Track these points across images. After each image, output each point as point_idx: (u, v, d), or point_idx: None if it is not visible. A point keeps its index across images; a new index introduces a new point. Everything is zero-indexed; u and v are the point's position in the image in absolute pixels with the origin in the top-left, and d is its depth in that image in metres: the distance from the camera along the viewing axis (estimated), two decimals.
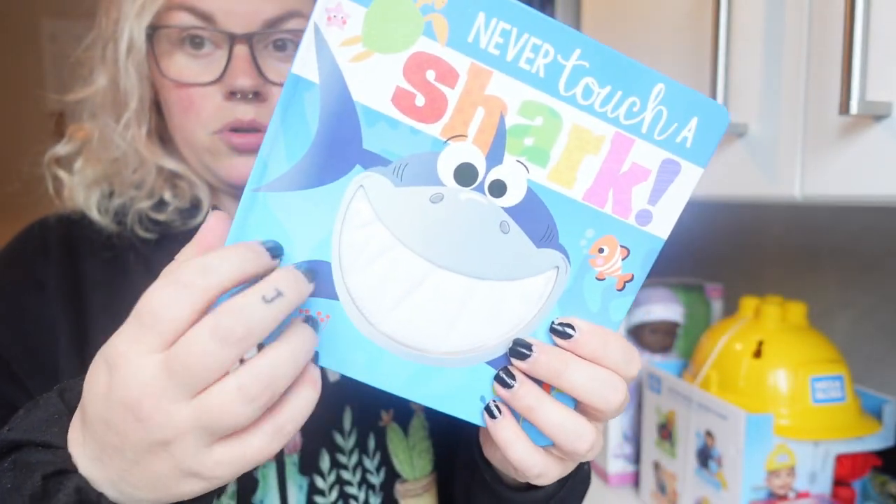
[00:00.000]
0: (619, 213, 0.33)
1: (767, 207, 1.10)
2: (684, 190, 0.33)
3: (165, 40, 0.53)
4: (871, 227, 0.92)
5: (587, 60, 0.31)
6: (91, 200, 0.57)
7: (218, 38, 0.53)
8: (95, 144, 0.58)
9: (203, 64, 0.53)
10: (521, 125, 0.31)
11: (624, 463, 0.99)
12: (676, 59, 0.75)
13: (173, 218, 0.57)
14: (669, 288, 1.01)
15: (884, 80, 0.50)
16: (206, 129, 0.54)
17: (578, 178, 0.32)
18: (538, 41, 0.30)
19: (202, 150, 0.56)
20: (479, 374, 0.34)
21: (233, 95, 0.53)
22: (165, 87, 0.55)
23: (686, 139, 0.32)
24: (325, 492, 0.53)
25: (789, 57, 0.59)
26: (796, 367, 0.73)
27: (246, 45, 0.52)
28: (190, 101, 0.54)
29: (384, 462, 0.56)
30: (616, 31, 0.89)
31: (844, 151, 0.54)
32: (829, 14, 0.55)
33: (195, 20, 0.52)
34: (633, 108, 0.32)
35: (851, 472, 0.74)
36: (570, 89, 0.31)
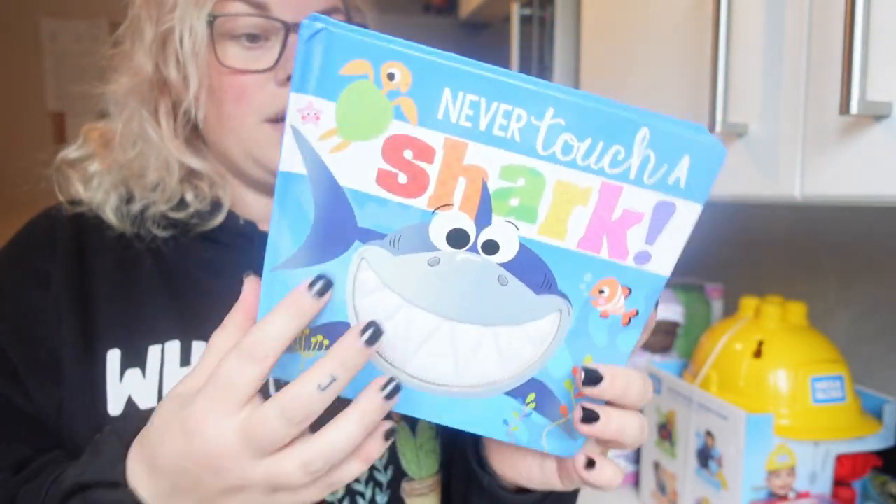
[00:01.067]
0: (615, 257, 0.34)
1: (768, 207, 1.10)
2: (683, 227, 0.34)
3: (221, 32, 0.55)
4: (872, 227, 0.92)
5: (562, 118, 0.31)
6: (108, 205, 0.57)
7: (270, 29, 0.55)
8: (117, 142, 0.58)
9: (257, 54, 0.55)
10: (504, 188, 0.32)
11: (624, 463, 0.99)
12: (677, 60, 0.75)
13: (191, 217, 0.57)
14: (669, 288, 1.01)
15: (884, 79, 0.50)
16: (258, 116, 0.55)
17: (570, 228, 0.33)
18: (508, 107, 0.31)
19: (250, 139, 0.56)
20: (499, 402, 0.37)
21: (287, 81, 0.54)
22: (217, 74, 0.55)
23: (679, 179, 0.32)
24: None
25: (789, 56, 0.59)
26: (796, 367, 0.73)
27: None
28: (243, 89, 0.55)
29: (392, 460, 0.56)
30: (616, 32, 0.89)
31: (845, 151, 0.54)
32: (830, 14, 0.55)
33: (250, 9, 0.54)
34: (617, 157, 0.32)
35: (852, 473, 0.74)
36: (549, 148, 0.31)
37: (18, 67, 2.20)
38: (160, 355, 0.53)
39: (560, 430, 0.38)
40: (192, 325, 0.54)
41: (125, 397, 0.51)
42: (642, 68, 0.83)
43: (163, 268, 0.57)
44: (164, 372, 0.52)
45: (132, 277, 0.56)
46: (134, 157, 0.57)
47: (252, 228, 0.59)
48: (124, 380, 0.52)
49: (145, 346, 0.53)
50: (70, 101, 2.24)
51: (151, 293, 0.55)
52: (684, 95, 0.74)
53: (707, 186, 0.32)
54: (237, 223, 0.59)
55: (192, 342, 0.54)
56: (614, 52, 0.89)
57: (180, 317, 0.55)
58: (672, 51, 0.76)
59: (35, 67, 2.20)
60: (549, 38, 1.05)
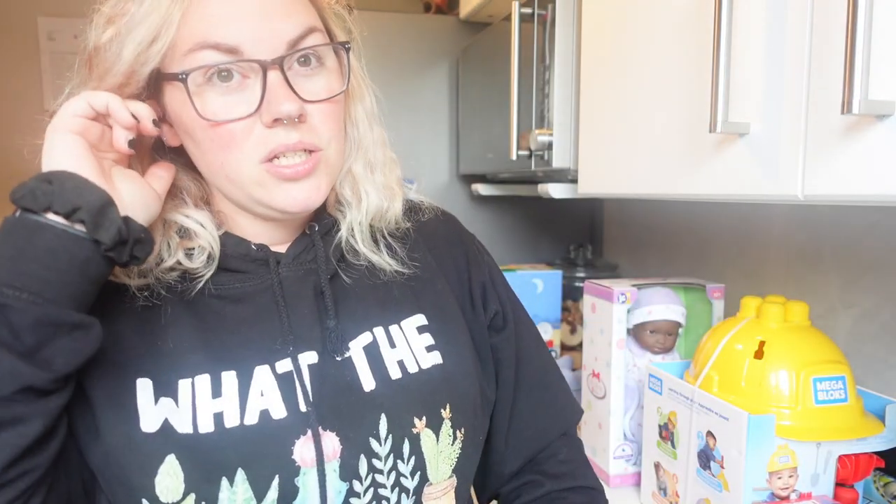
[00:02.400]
0: None
1: (769, 207, 1.10)
2: None
3: (193, 82, 0.52)
4: (874, 227, 0.91)
5: None
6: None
7: (247, 69, 0.53)
8: None
9: (235, 98, 0.53)
10: None
11: (625, 464, 0.99)
12: (678, 59, 0.75)
13: (196, 269, 0.57)
14: (671, 288, 1.01)
15: (886, 79, 0.49)
16: (252, 160, 0.54)
17: None
18: None
19: (251, 183, 0.55)
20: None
21: (276, 122, 0.53)
22: (200, 128, 0.53)
23: None
24: (360, 494, 0.55)
25: (791, 56, 0.59)
26: (798, 367, 0.73)
27: (278, 69, 0.52)
28: (231, 137, 0.53)
29: (418, 466, 0.57)
30: (616, 31, 0.88)
31: (847, 151, 0.54)
32: (832, 13, 0.55)
33: (222, 56, 0.52)
34: None
35: (854, 474, 0.74)
36: None
37: (16, 66, 2.20)
38: (191, 389, 0.53)
39: None
40: (219, 357, 0.55)
41: (162, 419, 0.52)
42: (643, 68, 0.82)
43: (182, 304, 0.57)
44: (196, 404, 0.53)
45: (154, 317, 0.55)
46: None
47: (266, 252, 0.59)
48: (159, 404, 0.52)
49: (175, 380, 0.53)
50: None
51: (175, 331, 0.55)
52: (685, 95, 0.74)
53: None
54: (250, 250, 0.59)
55: (222, 373, 0.54)
56: (614, 51, 0.89)
57: (207, 349, 0.55)
58: (673, 50, 0.76)
59: (33, 66, 2.20)
60: (549, 37, 1.05)
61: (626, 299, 0.97)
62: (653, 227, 1.45)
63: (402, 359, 0.60)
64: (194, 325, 0.56)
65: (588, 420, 1.05)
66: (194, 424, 0.52)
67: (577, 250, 1.54)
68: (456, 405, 0.60)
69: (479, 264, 0.71)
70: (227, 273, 0.58)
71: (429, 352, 0.62)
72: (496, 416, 0.69)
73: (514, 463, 0.69)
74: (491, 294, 0.70)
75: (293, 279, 0.59)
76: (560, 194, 1.10)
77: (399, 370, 0.59)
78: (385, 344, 0.60)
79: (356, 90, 0.64)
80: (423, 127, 1.63)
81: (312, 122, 0.55)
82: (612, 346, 0.97)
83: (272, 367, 0.55)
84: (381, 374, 0.58)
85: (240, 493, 0.51)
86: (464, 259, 0.70)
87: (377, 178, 0.64)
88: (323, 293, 0.59)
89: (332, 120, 0.57)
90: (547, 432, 0.71)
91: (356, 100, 0.64)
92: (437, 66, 1.62)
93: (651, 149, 0.81)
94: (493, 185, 1.52)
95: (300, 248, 0.61)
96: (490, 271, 0.72)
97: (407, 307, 0.63)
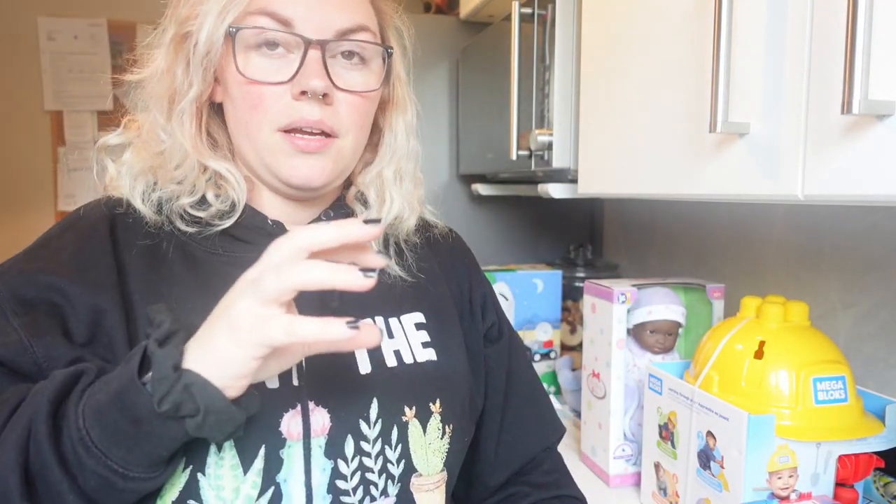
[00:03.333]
0: None
1: (769, 207, 1.10)
2: None
3: (241, 41, 0.56)
4: (874, 227, 0.91)
5: None
6: (136, 190, 0.60)
7: (292, 43, 0.57)
8: (144, 135, 0.61)
9: (276, 65, 0.57)
10: None
11: (625, 464, 0.99)
12: (678, 59, 0.75)
13: (213, 217, 0.59)
14: (671, 288, 1.01)
15: (886, 78, 0.49)
16: (273, 125, 0.57)
17: None
18: None
19: (264, 148, 0.58)
20: None
21: (303, 95, 0.56)
22: (236, 83, 0.57)
23: None
24: (347, 476, 0.55)
25: (791, 56, 0.59)
26: (798, 367, 0.73)
27: (319, 50, 0.56)
28: (260, 98, 0.57)
29: (404, 455, 0.58)
30: (617, 32, 0.88)
31: (847, 151, 0.54)
32: (832, 12, 0.55)
33: (274, 24, 0.56)
34: None
35: (854, 474, 0.74)
36: None
37: (16, 66, 2.20)
38: None
39: None
40: None
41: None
42: (643, 67, 0.82)
43: (190, 262, 0.58)
44: None
45: (161, 273, 0.57)
46: (158, 151, 0.60)
47: (280, 228, 0.61)
48: None
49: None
50: (68, 99, 2.23)
51: (180, 287, 0.57)
52: (685, 95, 0.74)
53: None
54: (266, 223, 0.61)
55: None
56: (614, 51, 0.89)
57: (205, 313, 0.55)
58: (673, 50, 0.76)
59: (33, 66, 2.20)
60: (549, 37, 1.05)
61: (626, 299, 0.97)
62: (653, 227, 1.45)
63: (399, 349, 0.62)
64: (199, 285, 0.57)
65: (588, 420, 1.05)
66: None
67: (577, 250, 1.54)
68: (446, 402, 0.62)
69: (481, 279, 0.75)
70: (239, 242, 0.60)
71: (424, 348, 0.63)
72: (485, 426, 0.71)
73: (501, 474, 0.72)
74: (490, 306, 0.74)
75: None
76: (560, 194, 1.10)
77: (395, 359, 0.61)
78: (384, 332, 0.62)
79: (400, 101, 0.68)
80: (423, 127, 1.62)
81: (338, 109, 0.58)
82: (612, 346, 0.97)
83: None
84: (377, 359, 0.60)
85: (227, 459, 0.52)
86: (466, 270, 0.74)
87: (405, 188, 0.68)
88: None
89: (357, 113, 0.60)
90: (533, 445, 0.74)
91: (399, 110, 0.68)
92: (437, 66, 1.62)
93: (651, 149, 0.81)
94: (493, 185, 1.52)
95: None
96: (489, 289, 0.76)
97: (407, 304, 0.65)
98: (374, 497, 0.57)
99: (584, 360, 1.06)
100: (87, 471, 0.43)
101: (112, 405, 0.43)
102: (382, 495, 0.57)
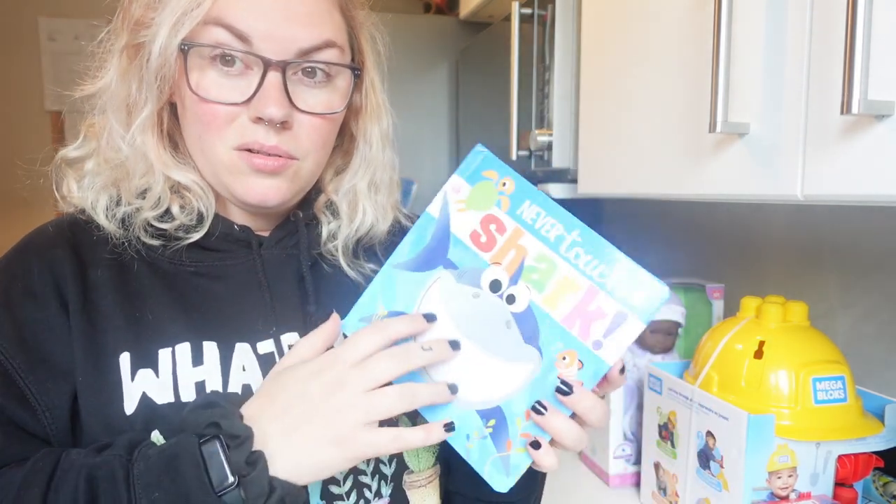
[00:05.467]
0: (581, 337, 0.47)
1: (769, 207, 1.10)
2: (629, 335, 0.46)
3: (197, 55, 0.53)
4: (873, 227, 0.91)
5: (581, 238, 0.48)
6: (99, 206, 0.57)
7: (251, 61, 0.53)
8: (104, 145, 0.58)
9: (233, 83, 0.53)
10: (533, 266, 0.48)
11: (624, 464, 0.99)
12: (677, 59, 0.75)
13: (177, 230, 0.57)
14: (670, 288, 1.01)
15: (886, 78, 0.49)
16: (227, 144, 0.54)
17: (559, 306, 0.48)
18: (555, 221, 0.49)
19: (220, 165, 0.55)
20: (469, 418, 0.49)
21: (259, 121, 0.53)
22: (190, 100, 0.54)
23: (634, 301, 0.46)
24: (339, 481, 0.55)
25: (791, 56, 0.59)
26: (798, 367, 0.73)
27: (279, 72, 0.52)
28: (214, 117, 0.53)
29: (395, 455, 0.58)
30: (616, 31, 0.88)
31: (846, 151, 0.54)
32: (831, 13, 0.55)
33: (231, 39, 0.52)
34: (603, 273, 0.47)
35: (853, 473, 0.74)
36: (568, 252, 0.48)
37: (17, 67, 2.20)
38: (171, 357, 0.53)
39: (500, 463, 0.48)
40: (199, 327, 0.54)
41: (139, 394, 0.52)
42: (643, 67, 0.82)
43: (159, 275, 0.56)
44: (177, 372, 0.53)
45: (131, 287, 0.55)
46: (120, 161, 0.57)
47: (248, 234, 0.59)
48: (136, 380, 0.52)
49: (155, 350, 0.53)
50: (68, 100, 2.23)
51: (153, 300, 0.55)
52: (685, 95, 0.74)
53: (650, 314, 0.46)
54: (233, 229, 0.59)
55: (203, 342, 0.54)
56: (614, 51, 0.89)
57: (187, 319, 0.55)
58: (673, 50, 0.76)
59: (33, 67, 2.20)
60: (549, 37, 1.05)
61: None
62: (653, 227, 1.45)
63: None
64: (173, 297, 0.55)
65: None
66: (175, 393, 0.52)
67: None
68: None
69: None
70: (207, 251, 0.58)
71: None
72: None
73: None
74: None
75: (275, 262, 0.59)
76: (560, 194, 1.10)
77: None
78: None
79: (374, 110, 0.64)
80: (423, 127, 1.63)
81: (297, 132, 0.55)
82: None
83: (253, 346, 0.55)
84: None
85: None
86: None
87: (379, 199, 0.65)
88: (304, 278, 0.59)
89: (318, 135, 0.56)
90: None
91: (373, 119, 0.64)
92: (437, 66, 1.62)
93: (651, 149, 0.81)
94: None
95: (283, 232, 0.61)
96: None
97: None
98: (368, 499, 0.56)
99: None
100: None
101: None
102: (376, 497, 0.57)
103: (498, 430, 0.48)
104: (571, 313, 0.47)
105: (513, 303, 0.49)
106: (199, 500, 0.43)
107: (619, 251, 0.47)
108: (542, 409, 0.47)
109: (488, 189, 0.50)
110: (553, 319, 0.48)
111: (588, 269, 0.47)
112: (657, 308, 0.46)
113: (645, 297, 0.46)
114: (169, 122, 0.58)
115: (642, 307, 0.46)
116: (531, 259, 0.48)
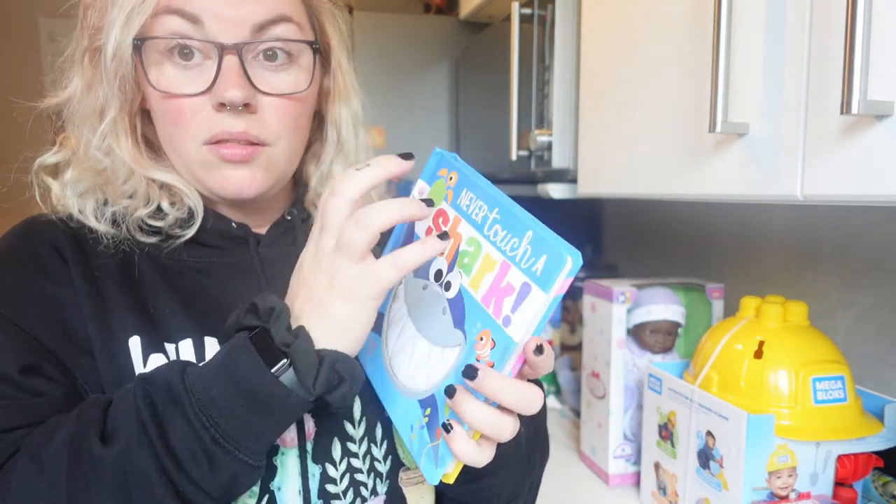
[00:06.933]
0: (495, 315, 0.44)
1: (769, 207, 1.10)
2: (533, 307, 0.42)
3: (154, 50, 0.52)
4: (873, 227, 0.91)
5: (500, 215, 0.45)
6: (87, 210, 0.56)
7: (207, 49, 0.52)
8: (81, 155, 0.57)
9: (193, 74, 0.53)
10: (465, 251, 0.47)
11: (624, 463, 0.99)
12: (677, 59, 0.75)
13: (172, 226, 0.57)
14: (670, 288, 1.01)
15: (885, 79, 0.49)
16: (196, 139, 0.54)
17: (481, 286, 0.45)
18: (482, 203, 0.47)
19: (193, 163, 0.55)
20: (413, 407, 0.48)
21: (222, 107, 0.52)
22: (154, 97, 0.54)
23: (538, 270, 0.42)
24: (336, 480, 0.55)
25: (790, 56, 0.59)
26: (797, 367, 0.73)
27: (235, 55, 0.52)
28: (179, 112, 0.53)
29: (390, 450, 0.58)
30: (616, 31, 0.88)
31: (846, 151, 0.54)
32: (831, 13, 0.55)
33: (183, 24, 0.51)
34: (514, 246, 0.44)
35: (853, 473, 0.74)
36: (489, 231, 0.46)
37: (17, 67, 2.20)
38: (175, 353, 0.53)
39: (431, 454, 0.46)
40: (200, 323, 0.55)
41: None
42: (642, 68, 0.82)
43: (159, 270, 0.56)
44: None
45: (133, 278, 0.55)
46: (100, 168, 0.57)
47: (246, 231, 0.59)
48: (148, 364, 0.52)
49: (161, 342, 0.53)
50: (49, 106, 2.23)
51: (155, 294, 0.55)
52: (685, 95, 0.74)
53: (552, 281, 0.41)
54: (230, 226, 0.59)
55: (205, 338, 0.54)
56: (614, 51, 0.89)
57: (187, 315, 0.55)
58: (673, 50, 0.76)
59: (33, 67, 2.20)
60: (549, 37, 1.05)
61: (626, 299, 0.97)
62: (653, 227, 1.45)
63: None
64: (172, 291, 0.55)
65: (587, 420, 1.05)
66: None
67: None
68: None
69: None
70: (205, 248, 0.58)
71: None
72: None
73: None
74: None
75: (273, 259, 0.60)
76: (560, 194, 1.10)
77: None
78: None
79: (342, 91, 0.63)
80: (423, 127, 1.63)
81: (264, 116, 0.54)
82: (612, 346, 0.97)
83: None
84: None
85: None
86: None
87: None
88: None
89: (287, 118, 0.56)
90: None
91: (341, 101, 0.63)
92: (437, 66, 1.62)
93: (651, 149, 0.81)
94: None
95: (280, 230, 0.61)
96: None
97: None
98: (365, 498, 0.56)
99: (583, 359, 1.06)
100: (217, 470, 0.44)
101: (240, 399, 0.44)
102: (372, 495, 0.57)
103: (432, 419, 0.47)
104: (489, 292, 0.45)
105: (448, 289, 0.48)
106: (257, 383, 0.43)
107: (532, 220, 0.43)
108: (452, 394, 0.44)
109: (440, 186, 0.50)
110: (475, 300, 0.46)
111: (503, 244, 0.44)
112: (559, 276, 0.41)
113: (546, 266, 0.41)
114: (144, 127, 0.58)
115: (544, 276, 0.42)
116: (464, 244, 0.47)
